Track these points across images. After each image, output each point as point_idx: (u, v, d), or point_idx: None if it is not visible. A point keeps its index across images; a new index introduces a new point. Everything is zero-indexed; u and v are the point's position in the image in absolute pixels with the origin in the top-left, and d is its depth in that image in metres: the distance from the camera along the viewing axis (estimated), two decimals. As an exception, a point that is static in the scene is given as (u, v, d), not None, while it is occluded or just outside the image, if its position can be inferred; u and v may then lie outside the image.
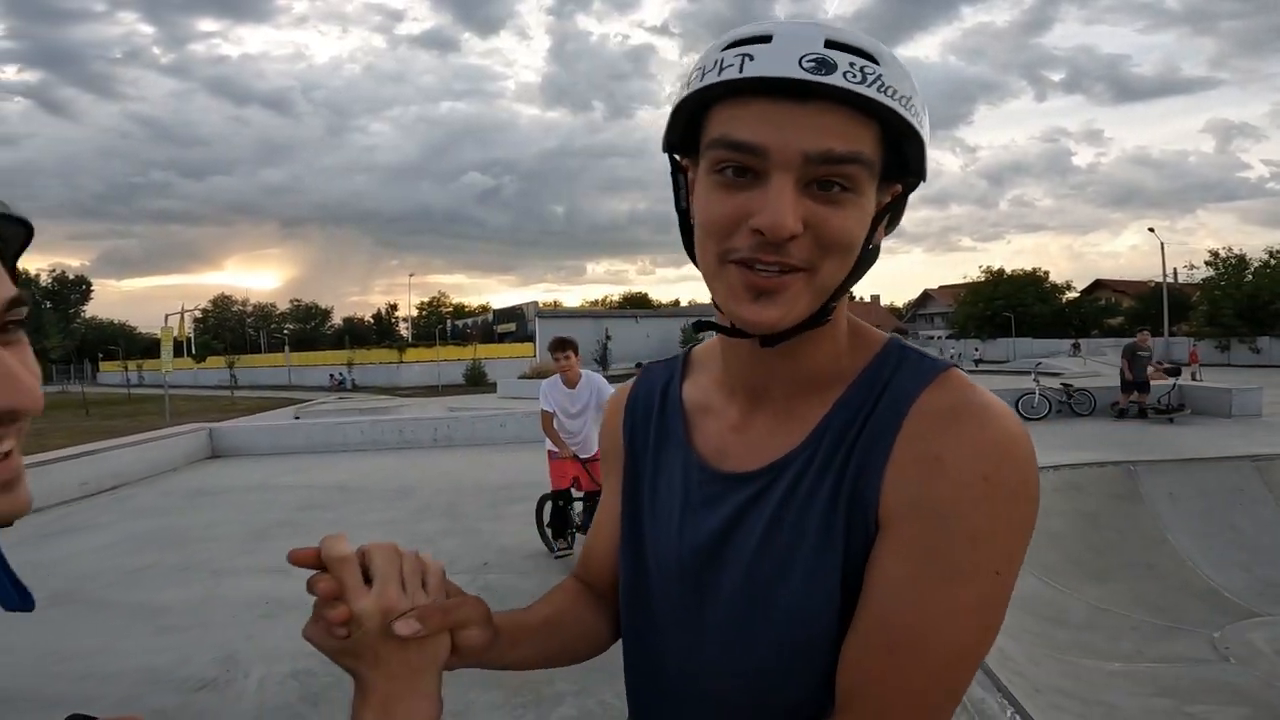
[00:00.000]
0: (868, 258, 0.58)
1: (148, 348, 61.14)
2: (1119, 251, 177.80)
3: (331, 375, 31.73)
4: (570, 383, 4.55)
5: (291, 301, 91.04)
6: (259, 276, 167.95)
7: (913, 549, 0.54)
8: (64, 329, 44.74)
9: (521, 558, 4.92)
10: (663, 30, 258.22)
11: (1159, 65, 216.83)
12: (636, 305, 71.99)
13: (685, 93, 0.56)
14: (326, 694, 2.98)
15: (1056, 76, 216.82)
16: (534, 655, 0.70)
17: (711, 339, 0.73)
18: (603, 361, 39.80)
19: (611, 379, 4.29)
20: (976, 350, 42.28)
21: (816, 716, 0.60)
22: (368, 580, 0.56)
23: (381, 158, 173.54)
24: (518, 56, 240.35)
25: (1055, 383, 12.33)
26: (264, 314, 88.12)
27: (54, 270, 66.01)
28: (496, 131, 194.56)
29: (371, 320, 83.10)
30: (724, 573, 0.63)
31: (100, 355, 60.09)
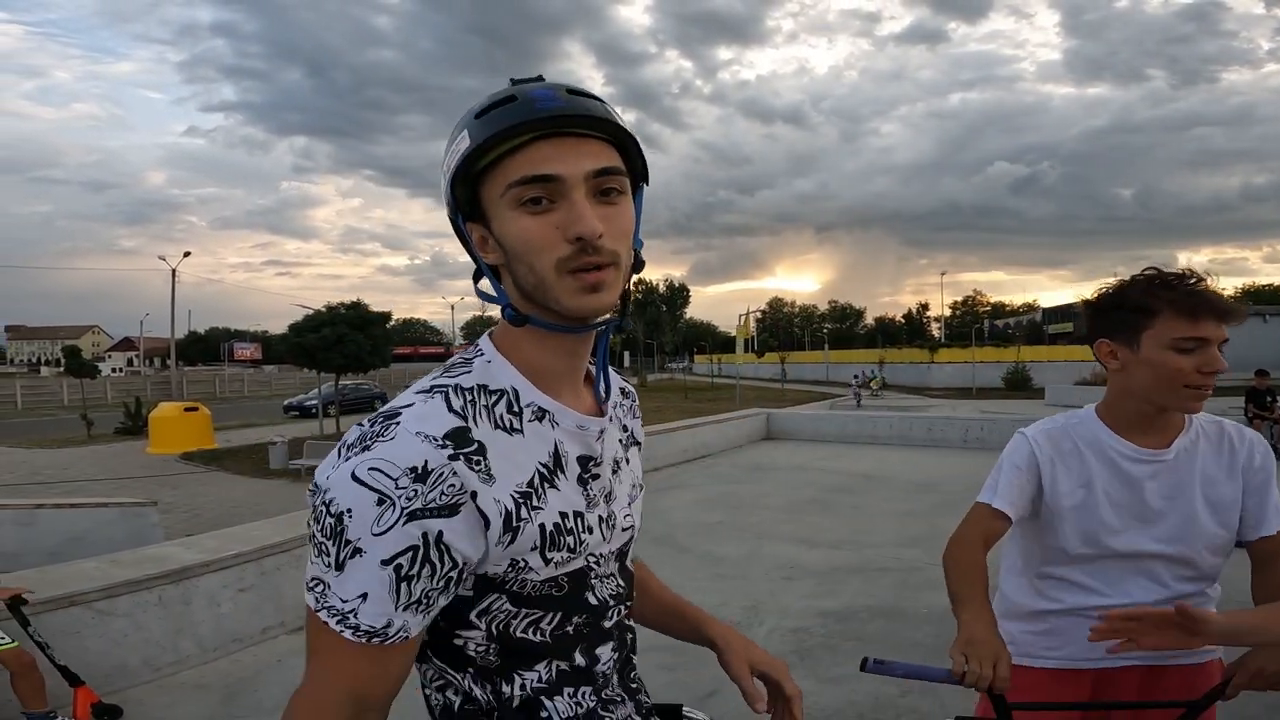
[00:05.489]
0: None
1: (724, 343, 75.31)
2: None
3: (856, 376, 32.60)
4: (1154, 425, 1.30)
5: (829, 302, 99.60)
6: (802, 279, 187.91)
7: None
8: (674, 327, 59.40)
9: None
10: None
11: None
12: (1265, 299, 53.60)
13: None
14: (814, 652, 3.47)
15: None
16: None
17: None
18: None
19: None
20: None
21: None
22: None
23: (898, 157, 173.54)
24: (1026, 36, 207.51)
25: None
26: (807, 314, 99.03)
27: (666, 280, 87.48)
28: (1023, 116, 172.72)
29: (902, 320, 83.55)
30: None
31: (694, 349, 76.95)
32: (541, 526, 0.72)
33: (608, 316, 0.74)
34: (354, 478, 0.65)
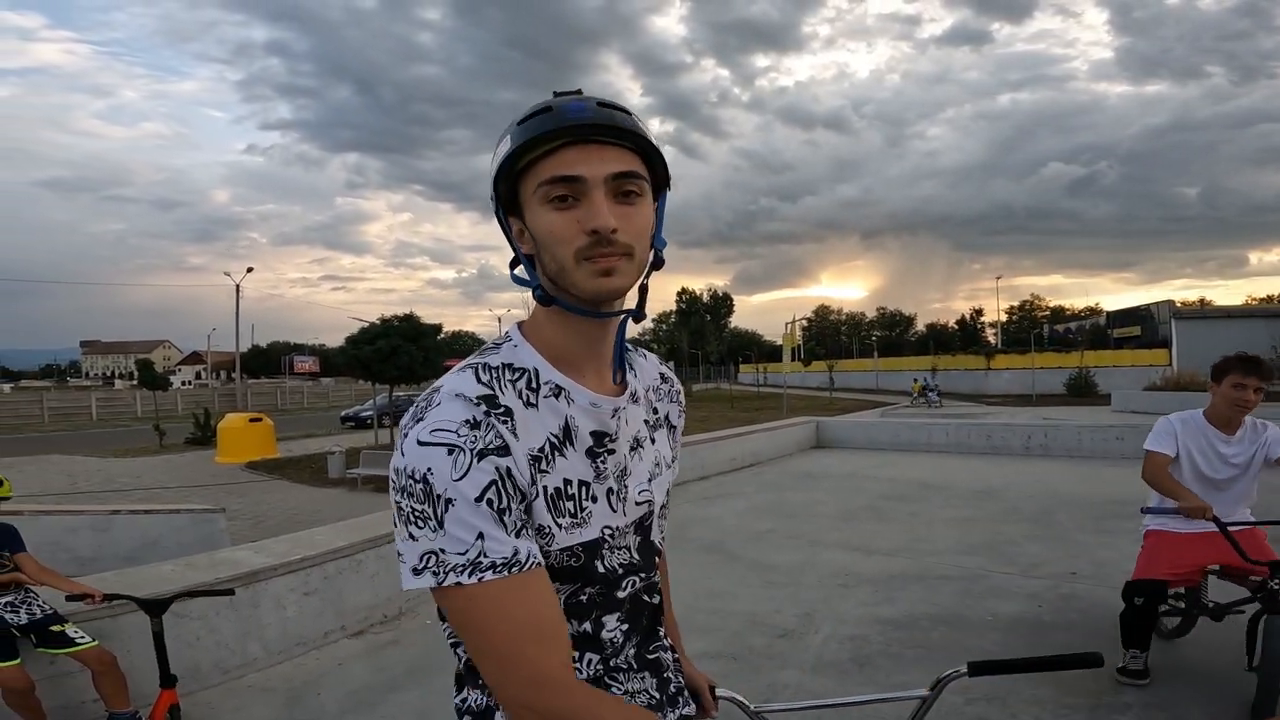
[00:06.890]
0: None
1: (769, 352, 74.50)
2: None
3: (930, 388, 31.06)
4: (1229, 423, 2.96)
5: (877, 309, 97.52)
6: (848, 287, 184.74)
7: None
8: (718, 337, 59.08)
9: (1122, 573, 4.35)
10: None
11: None
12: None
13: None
14: (874, 660, 3.37)
15: None
16: None
17: None
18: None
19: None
20: None
21: None
22: None
23: (945, 161, 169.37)
24: (1075, 35, 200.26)
25: None
26: (854, 322, 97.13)
27: (710, 289, 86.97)
28: (1076, 116, 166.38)
29: (955, 326, 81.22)
30: None
31: (739, 358, 76.30)
32: (545, 489, 0.79)
33: (624, 307, 0.84)
34: (420, 443, 0.73)
